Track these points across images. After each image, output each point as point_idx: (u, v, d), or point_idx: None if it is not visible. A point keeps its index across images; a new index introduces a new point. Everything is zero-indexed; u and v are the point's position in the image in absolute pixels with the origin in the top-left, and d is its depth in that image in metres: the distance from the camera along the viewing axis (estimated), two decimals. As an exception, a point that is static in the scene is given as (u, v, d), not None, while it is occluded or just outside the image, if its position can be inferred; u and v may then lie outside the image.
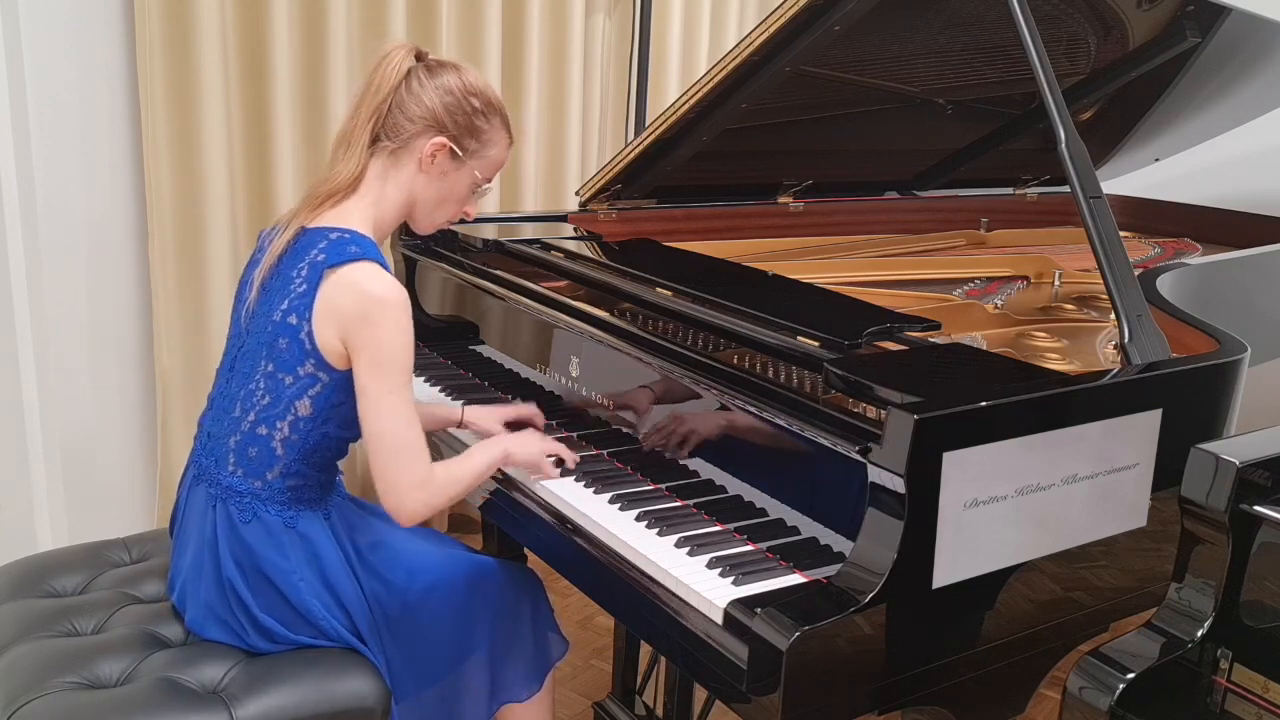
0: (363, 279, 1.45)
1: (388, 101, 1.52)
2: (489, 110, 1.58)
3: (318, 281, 1.45)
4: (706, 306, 1.67)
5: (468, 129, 1.56)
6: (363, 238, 1.49)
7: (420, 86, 1.53)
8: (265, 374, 1.49)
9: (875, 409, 1.31)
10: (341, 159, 1.54)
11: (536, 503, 1.60)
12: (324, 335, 1.46)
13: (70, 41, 2.27)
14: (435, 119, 1.53)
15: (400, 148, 1.54)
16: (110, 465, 2.49)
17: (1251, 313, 2.13)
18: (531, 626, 1.69)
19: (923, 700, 1.33)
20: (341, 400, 1.49)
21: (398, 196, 1.56)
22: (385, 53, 1.55)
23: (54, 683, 1.39)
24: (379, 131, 1.53)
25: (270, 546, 1.49)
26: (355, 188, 1.54)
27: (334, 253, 1.46)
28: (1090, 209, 1.56)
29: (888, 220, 2.74)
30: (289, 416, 1.49)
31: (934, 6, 2.07)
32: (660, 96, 3.32)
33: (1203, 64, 2.51)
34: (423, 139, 1.53)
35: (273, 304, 1.49)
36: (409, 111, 1.52)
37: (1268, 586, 1.18)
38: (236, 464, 1.51)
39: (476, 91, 1.56)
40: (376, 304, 1.43)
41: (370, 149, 1.54)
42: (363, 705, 1.46)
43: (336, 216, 1.52)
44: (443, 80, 1.54)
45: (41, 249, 2.28)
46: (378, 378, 1.44)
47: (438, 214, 1.62)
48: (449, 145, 1.54)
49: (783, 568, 1.34)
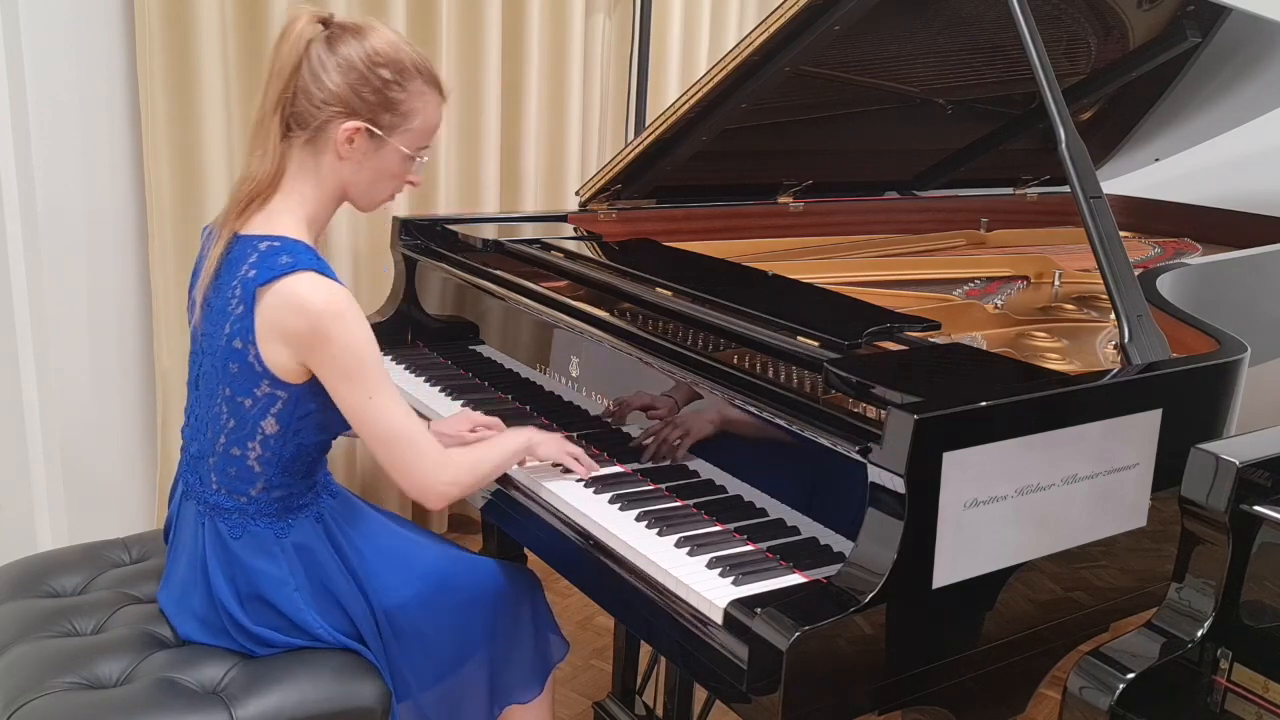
0: (299, 293, 1.36)
1: (290, 86, 1.40)
2: (403, 76, 1.43)
3: (253, 301, 1.38)
4: (706, 306, 1.67)
5: (381, 104, 1.42)
6: (294, 243, 1.40)
7: (321, 66, 1.40)
8: (225, 398, 1.43)
9: (875, 409, 1.31)
10: (256, 155, 1.43)
11: (536, 503, 1.60)
12: (272, 355, 1.39)
13: (70, 41, 2.27)
14: (342, 101, 1.40)
15: (313, 136, 1.42)
16: (110, 465, 2.49)
17: (1251, 313, 2.13)
18: (532, 628, 1.68)
19: (923, 700, 1.33)
20: (308, 410, 1.45)
21: (325, 189, 1.46)
22: (286, 24, 1.41)
23: (54, 683, 1.39)
24: (288, 121, 1.42)
25: (263, 558, 1.48)
26: (278, 185, 1.44)
27: (265, 268, 1.37)
28: (1090, 209, 1.56)
29: (888, 220, 2.75)
30: (258, 436, 1.44)
31: (934, 6, 2.07)
32: (660, 96, 3.32)
33: (1203, 64, 2.51)
34: (334, 125, 1.41)
35: (218, 325, 1.42)
36: (313, 97, 1.40)
37: (1268, 586, 1.18)
38: (219, 484, 1.48)
39: (384, 59, 1.41)
40: (319, 316, 1.35)
41: (285, 140, 1.43)
42: (363, 706, 1.46)
43: (265, 220, 1.43)
44: (344, 53, 1.40)
45: (41, 249, 2.28)
46: (353, 388, 1.39)
47: (376, 194, 1.51)
48: (364, 127, 1.42)
49: (783, 568, 1.34)
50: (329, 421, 1.48)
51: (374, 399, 1.40)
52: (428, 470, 1.45)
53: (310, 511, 1.53)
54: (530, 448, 1.60)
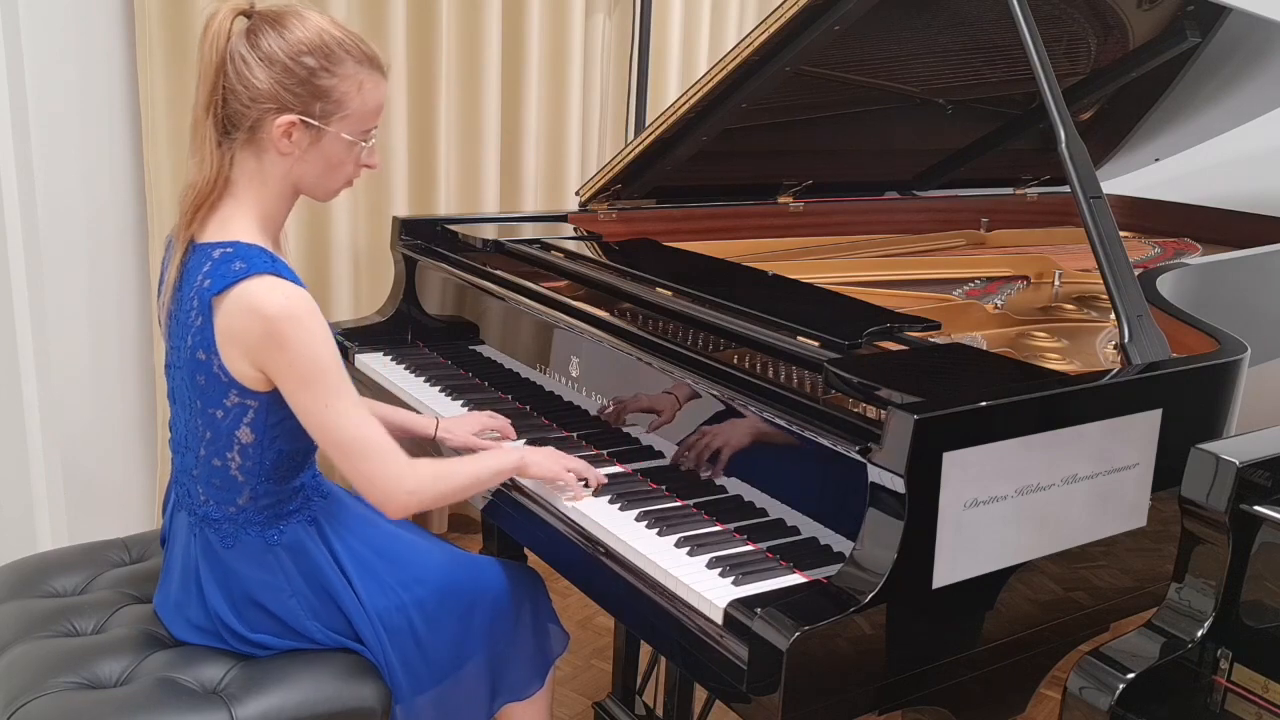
0: (254, 299, 1.33)
1: (218, 87, 1.35)
2: (330, 60, 1.37)
3: (209, 312, 1.35)
4: (706, 306, 1.67)
5: (311, 94, 1.37)
6: (248, 248, 1.36)
7: (244, 63, 1.35)
8: (198, 410, 1.42)
9: (875, 409, 1.31)
10: (194, 161, 1.39)
11: (536, 503, 1.60)
12: (234, 364, 1.37)
13: (70, 41, 2.27)
14: (270, 97, 1.35)
15: (250, 137, 1.38)
16: (110, 465, 2.49)
17: (1251, 313, 2.13)
18: (532, 625, 1.68)
19: (923, 700, 1.33)
20: (280, 418, 1.42)
21: (274, 187, 1.42)
22: (205, 21, 1.36)
23: (54, 683, 1.39)
24: (224, 123, 1.38)
25: (256, 567, 1.47)
26: (226, 188, 1.40)
27: (218, 276, 1.34)
28: (1090, 209, 1.56)
29: (888, 220, 2.75)
30: (234, 446, 1.43)
31: (934, 6, 2.07)
32: (660, 96, 3.32)
33: (1203, 64, 2.51)
34: (268, 122, 1.36)
35: (181, 337, 1.40)
36: (241, 96, 1.35)
37: (1268, 586, 1.18)
38: (206, 496, 1.47)
39: (307, 47, 1.36)
40: (274, 321, 1.32)
41: (226, 143, 1.39)
42: (363, 705, 1.46)
43: (219, 226, 1.40)
44: (264, 47, 1.35)
45: (41, 249, 2.28)
46: (311, 393, 1.36)
47: (331, 183, 1.47)
48: (297, 120, 1.37)
49: (783, 568, 1.34)
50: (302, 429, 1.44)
51: (330, 406, 1.36)
52: (389, 479, 1.40)
53: (301, 515, 1.52)
54: (522, 468, 1.55)
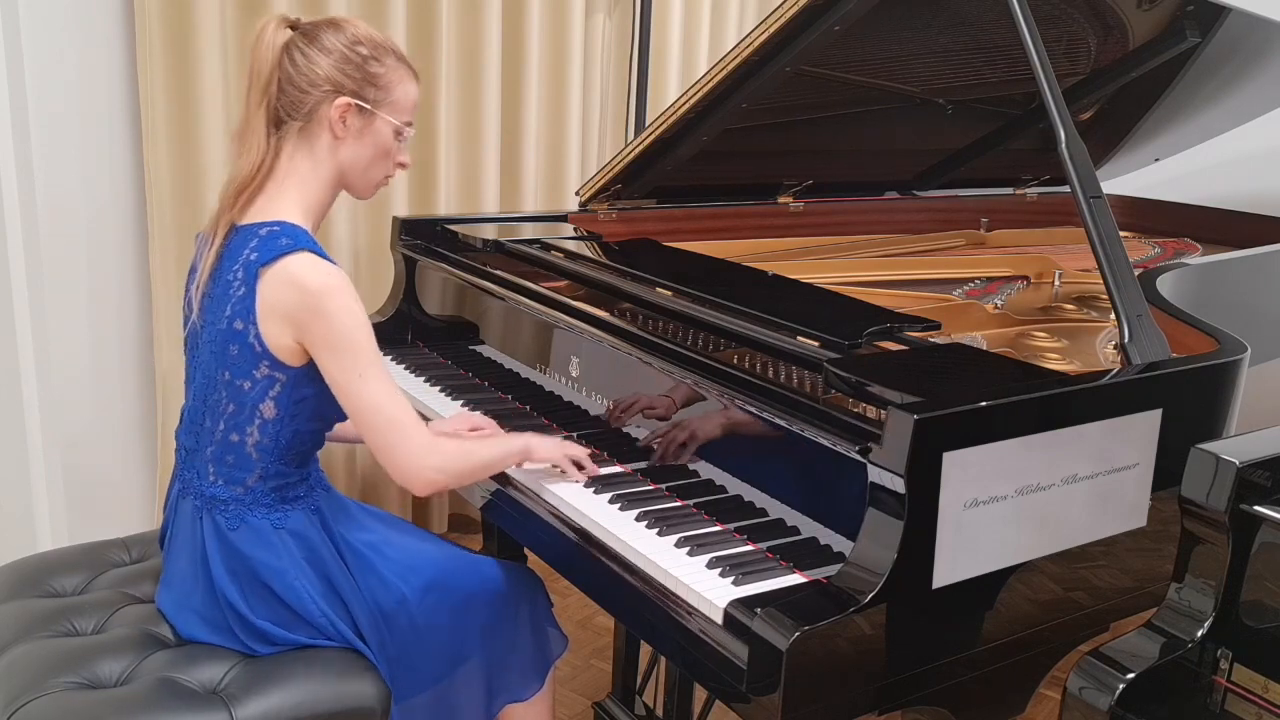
0: (298, 271, 1.41)
1: (273, 81, 1.47)
2: (379, 52, 1.52)
3: (254, 282, 1.43)
4: (706, 306, 1.67)
5: (365, 79, 1.50)
6: (293, 227, 1.46)
7: (304, 56, 1.48)
8: (224, 382, 1.47)
9: (875, 409, 1.31)
10: (241, 152, 1.49)
11: (536, 502, 1.60)
12: (272, 335, 1.43)
13: (70, 41, 2.27)
14: (330, 81, 1.48)
15: (306, 123, 1.49)
16: (110, 465, 2.49)
17: (1251, 313, 2.13)
18: (531, 626, 1.69)
19: (923, 700, 1.33)
20: (305, 395, 1.48)
21: (323, 172, 1.52)
22: (256, 31, 1.49)
23: (54, 683, 1.39)
24: (278, 113, 1.49)
25: (262, 549, 1.49)
26: (271, 174, 1.50)
27: (265, 249, 1.43)
28: (1090, 209, 1.56)
29: (888, 220, 2.75)
30: (256, 420, 1.47)
31: (934, 6, 2.07)
32: (660, 96, 3.32)
33: (1203, 64, 2.51)
34: (325, 106, 1.48)
35: (218, 310, 1.46)
36: (300, 84, 1.47)
37: (1268, 586, 1.18)
38: (216, 474, 1.50)
39: (361, 39, 1.50)
40: (317, 294, 1.40)
41: (276, 134, 1.49)
42: (363, 705, 1.46)
43: (263, 209, 1.49)
44: (323, 41, 1.48)
45: (41, 249, 2.28)
46: (343, 366, 1.42)
47: (373, 174, 1.57)
48: (353, 103, 1.49)
49: (783, 568, 1.34)
50: (325, 408, 1.50)
51: (364, 377, 1.43)
52: (413, 454, 1.46)
53: (306, 503, 1.54)
54: (528, 451, 1.59)
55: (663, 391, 1.60)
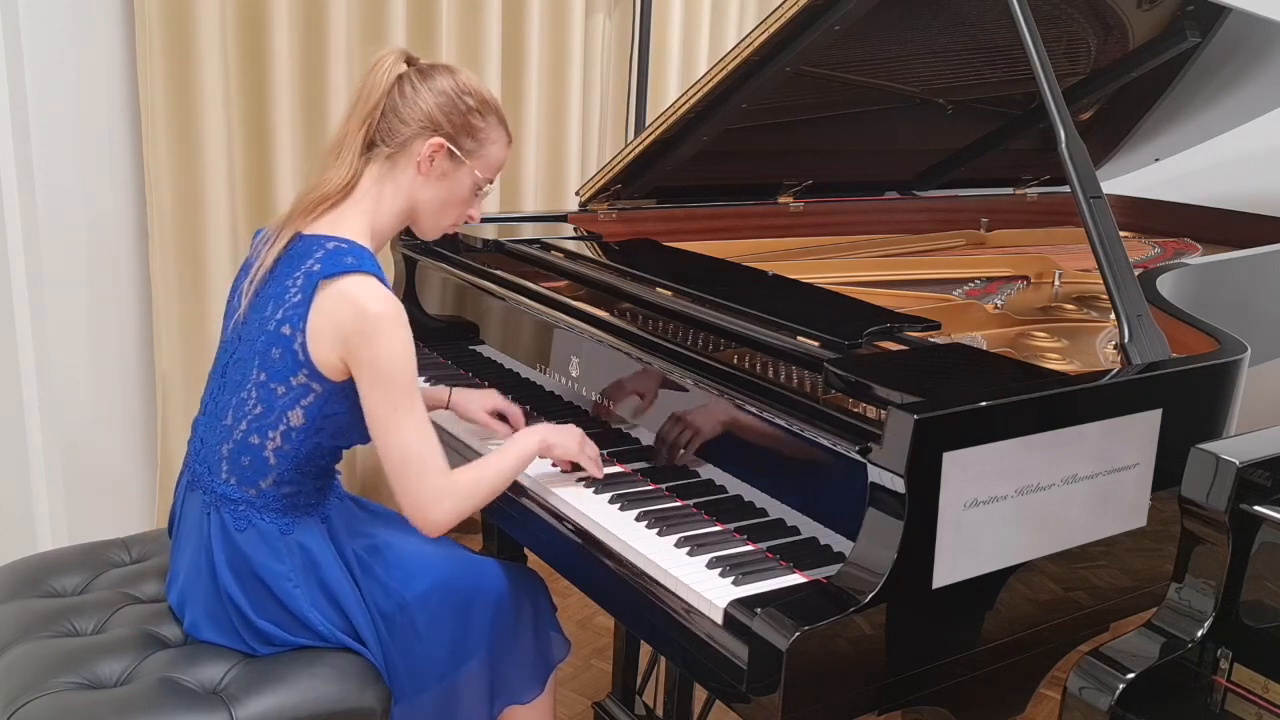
0: (359, 293, 1.43)
1: (380, 106, 1.52)
2: (484, 109, 1.57)
3: (312, 292, 1.44)
4: (707, 306, 1.67)
5: (464, 128, 1.55)
6: (360, 248, 1.48)
7: (414, 90, 1.52)
8: (258, 383, 1.47)
9: (875, 409, 1.31)
10: (333, 165, 1.53)
11: (536, 503, 1.60)
12: (318, 348, 1.44)
13: (70, 41, 2.27)
14: (431, 120, 1.52)
15: (397, 152, 1.53)
16: (110, 465, 2.49)
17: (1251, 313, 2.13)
18: (533, 628, 1.68)
19: (923, 700, 1.33)
20: (335, 411, 1.48)
21: (397, 202, 1.55)
22: (376, 59, 1.54)
23: (54, 683, 1.39)
24: (374, 137, 1.53)
25: (266, 553, 1.49)
26: (349, 193, 1.53)
27: (330, 263, 1.44)
28: (1090, 209, 1.56)
29: (888, 220, 2.75)
30: (281, 426, 1.47)
31: (934, 6, 2.07)
32: (660, 96, 3.32)
33: (1203, 64, 2.51)
34: (419, 141, 1.52)
35: (266, 311, 1.47)
36: (403, 115, 1.52)
37: (1268, 586, 1.18)
38: (230, 472, 1.50)
39: (470, 90, 1.55)
40: (374, 320, 1.41)
41: (365, 156, 1.53)
42: (363, 706, 1.46)
43: (332, 223, 1.51)
44: (436, 82, 1.53)
45: (41, 249, 2.28)
46: (383, 396, 1.43)
47: (442, 218, 1.61)
48: (447, 146, 1.54)
49: (783, 568, 1.34)
50: (351, 429, 1.50)
51: (398, 410, 1.44)
52: (427, 498, 1.47)
53: (316, 513, 1.54)
54: (545, 448, 1.59)
55: (662, 391, 1.60)
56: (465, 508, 1.52)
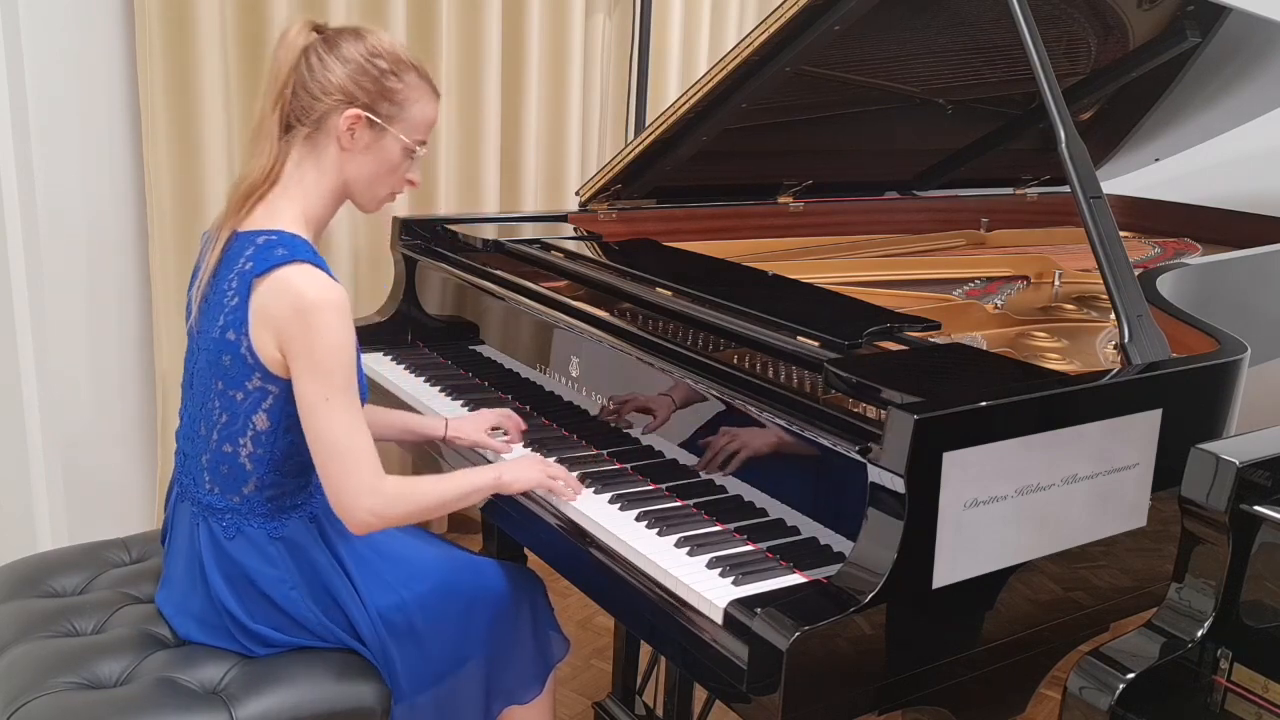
0: (294, 281, 1.38)
1: (289, 84, 1.44)
2: (399, 68, 1.48)
3: (247, 293, 1.40)
4: (707, 306, 1.67)
5: (380, 93, 1.47)
6: (291, 237, 1.42)
7: (320, 61, 1.44)
8: (218, 392, 1.44)
9: (875, 409, 1.31)
10: (254, 153, 1.47)
11: (536, 503, 1.60)
12: (264, 347, 1.40)
13: (70, 41, 2.27)
14: (343, 91, 1.44)
15: (314, 130, 1.46)
16: (110, 465, 2.49)
17: (1251, 313, 2.13)
18: (532, 628, 1.68)
19: (923, 700, 1.33)
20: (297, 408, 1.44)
21: (325, 183, 1.49)
22: (281, 33, 1.47)
23: (54, 683, 1.39)
24: (289, 118, 1.46)
25: (258, 559, 1.48)
26: (276, 180, 1.47)
27: (261, 259, 1.40)
28: (1090, 209, 1.56)
29: (888, 220, 2.75)
30: (249, 431, 1.45)
31: (934, 6, 2.07)
32: (660, 96, 3.32)
33: (1203, 64, 2.51)
34: (335, 115, 1.45)
35: (213, 318, 1.44)
36: (313, 90, 1.44)
37: (1268, 586, 1.18)
38: (212, 482, 1.48)
39: (381, 52, 1.47)
40: (309, 306, 1.36)
41: (285, 139, 1.46)
42: (362, 706, 1.46)
43: (265, 216, 1.46)
44: (342, 50, 1.45)
45: (41, 249, 2.28)
46: (314, 383, 1.38)
47: (378, 190, 1.54)
48: (364, 115, 1.46)
49: (783, 568, 1.34)
50: None
51: (330, 402, 1.38)
52: (350, 491, 1.40)
53: (303, 511, 1.52)
54: (502, 486, 1.55)
55: (663, 391, 1.60)
56: (392, 514, 1.44)
